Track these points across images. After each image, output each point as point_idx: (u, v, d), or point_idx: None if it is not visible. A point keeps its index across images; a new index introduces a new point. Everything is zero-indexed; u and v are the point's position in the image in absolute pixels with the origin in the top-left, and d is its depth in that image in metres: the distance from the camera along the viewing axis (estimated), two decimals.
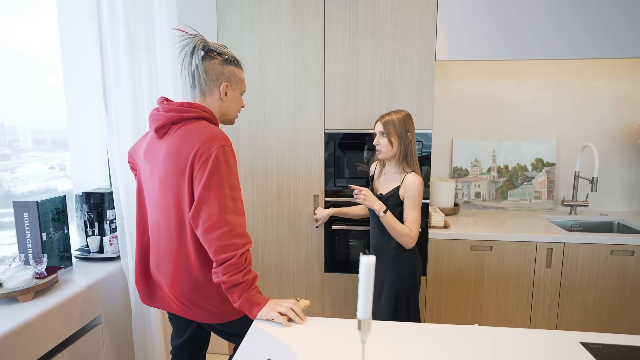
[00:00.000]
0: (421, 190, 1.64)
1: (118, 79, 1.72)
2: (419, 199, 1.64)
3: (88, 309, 1.61)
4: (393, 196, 1.68)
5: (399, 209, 1.69)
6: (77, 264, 1.83)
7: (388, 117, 1.67)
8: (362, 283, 0.64)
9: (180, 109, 1.27)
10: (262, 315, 1.20)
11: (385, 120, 1.67)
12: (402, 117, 1.67)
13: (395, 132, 1.65)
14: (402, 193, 1.66)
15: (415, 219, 1.64)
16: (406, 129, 1.66)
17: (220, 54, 1.32)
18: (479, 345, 1.07)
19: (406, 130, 1.66)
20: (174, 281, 1.30)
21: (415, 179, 1.63)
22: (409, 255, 1.71)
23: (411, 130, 1.68)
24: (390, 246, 1.71)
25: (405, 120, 1.67)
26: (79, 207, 1.95)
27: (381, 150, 1.69)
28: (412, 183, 1.63)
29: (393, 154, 1.69)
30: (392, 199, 1.68)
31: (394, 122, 1.66)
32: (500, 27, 2.13)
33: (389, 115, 1.68)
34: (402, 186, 1.66)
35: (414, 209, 1.64)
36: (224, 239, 1.17)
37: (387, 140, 1.66)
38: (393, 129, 1.65)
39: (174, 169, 1.23)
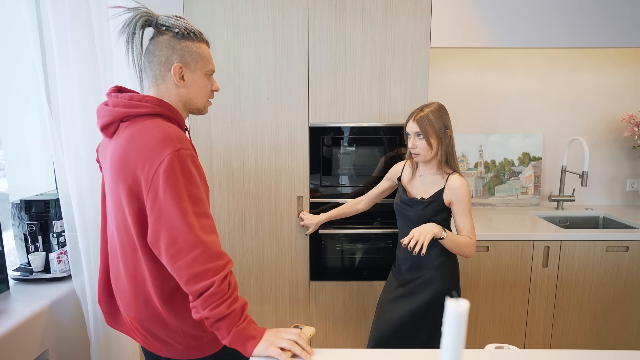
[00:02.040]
0: (469, 193, 1.46)
1: (65, 63, 1.41)
2: (470, 202, 1.46)
3: (32, 344, 1.31)
4: (436, 201, 1.48)
5: (442, 215, 1.49)
6: (16, 287, 1.51)
7: (422, 114, 1.45)
8: (449, 340, 0.44)
9: (129, 104, 1.00)
10: (260, 352, 0.97)
11: (420, 118, 1.44)
12: (437, 112, 1.45)
13: (434, 131, 1.44)
14: (447, 197, 1.47)
15: (472, 225, 1.46)
16: (445, 125, 1.45)
17: (170, 27, 1.03)
18: None
19: (445, 127, 1.45)
20: (129, 306, 1.08)
21: (463, 181, 1.45)
22: (453, 263, 1.53)
23: (449, 126, 1.47)
24: (433, 254, 1.51)
25: (442, 114, 1.45)
26: (17, 216, 1.61)
27: (419, 154, 1.48)
28: (461, 186, 1.44)
29: (433, 155, 1.48)
30: (436, 204, 1.48)
31: (430, 119, 1.44)
32: (499, 13, 2.01)
33: (421, 111, 1.46)
34: (448, 190, 1.46)
35: (469, 213, 1.46)
36: (197, 265, 0.93)
37: (426, 142, 1.45)
38: (431, 128, 1.44)
39: (118, 178, 0.98)
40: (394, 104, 1.87)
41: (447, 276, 1.52)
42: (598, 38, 2.04)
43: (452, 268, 1.54)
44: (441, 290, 1.51)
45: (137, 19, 1.00)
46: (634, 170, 2.51)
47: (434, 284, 1.51)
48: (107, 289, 1.19)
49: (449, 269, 1.53)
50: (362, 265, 2.00)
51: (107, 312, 1.21)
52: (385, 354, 1.00)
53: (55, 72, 1.43)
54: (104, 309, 1.21)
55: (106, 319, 1.22)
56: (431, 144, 1.45)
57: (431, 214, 1.48)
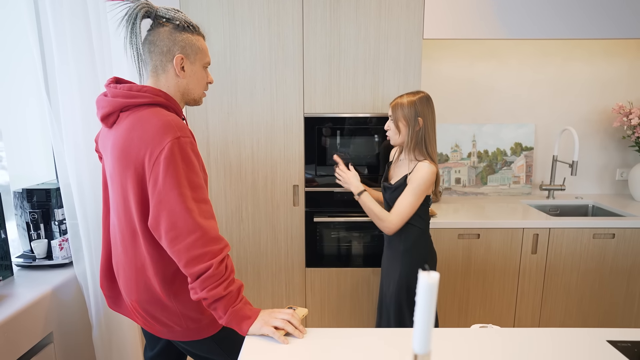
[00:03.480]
0: (429, 179, 1.47)
1: (63, 55, 1.44)
2: (422, 186, 1.47)
3: (36, 327, 1.36)
4: (402, 185, 1.52)
5: None
6: (20, 273, 1.56)
7: (399, 100, 1.52)
8: (421, 308, 0.49)
9: (128, 94, 1.04)
10: (255, 331, 1.03)
11: (395, 104, 1.52)
12: (413, 100, 1.49)
13: (403, 116, 1.50)
14: (409, 180, 1.51)
15: (405, 205, 1.48)
16: (416, 113, 1.49)
17: (170, 19, 1.07)
18: (500, 347, 0.97)
19: (416, 115, 1.49)
20: (130, 290, 1.13)
21: (426, 168, 1.47)
22: (420, 250, 1.58)
23: (424, 115, 1.50)
24: (400, 239, 1.58)
25: (418, 103, 1.49)
26: (19, 205, 1.66)
27: (389, 136, 1.57)
28: (420, 169, 1.47)
29: (401, 140, 1.54)
30: (401, 189, 1.52)
31: (403, 105, 1.50)
32: (492, 3, 2.03)
33: (400, 97, 1.52)
34: (413, 171, 1.50)
35: (410, 195, 1.48)
36: (196, 248, 0.98)
37: (395, 125, 1.52)
38: (401, 113, 1.50)
39: (119, 165, 1.02)
40: (387, 95, 1.91)
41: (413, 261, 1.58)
42: (593, 29, 2.05)
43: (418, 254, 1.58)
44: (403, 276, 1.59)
45: (138, 10, 1.03)
46: (623, 160, 2.56)
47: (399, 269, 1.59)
48: (109, 273, 1.24)
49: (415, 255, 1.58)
50: (356, 252, 2.05)
51: (109, 295, 1.26)
52: (371, 332, 1.05)
53: (54, 65, 1.46)
54: (105, 292, 1.26)
55: (108, 303, 1.27)
56: (399, 128, 1.51)
57: (398, 197, 1.53)
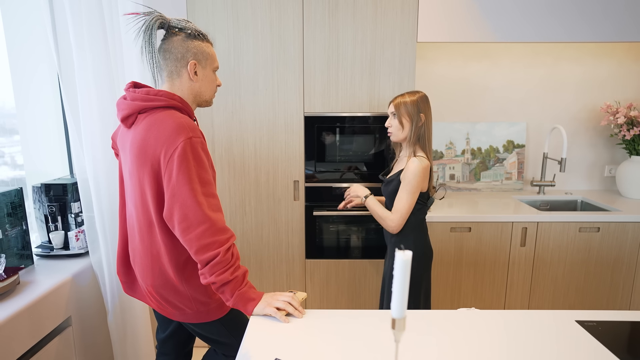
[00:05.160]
0: (419, 174, 1.54)
1: (82, 54, 1.54)
2: (414, 182, 1.54)
3: (56, 311, 1.48)
4: (395, 180, 1.60)
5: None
6: (39, 262, 1.67)
7: (401, 99, 1.59)
8: (398, 280, 0.60)
9: (146, 98, 1.16)
10: (259, 311, 1.14)
11: (398, 102, 1.59)
12: (415, 99, 1.58)
13: (407, 112, 1.57)
14: (402, 177, 1.59)
15: (402, 203, 1.56)
16: (419, 109, 1.58)
17: (182, 29, 1.19)
18: (477, 328, 1.07)
19: (419, 111, 1.58)
20: (146, 275, 1.24)
21: (416, 164, 1.54)
22: (411, 245, 1.63)
23: (425, 112, 1.59)
24: (389, 234, 1.67)
25: (419, 101, 1.58)
26: (38, 199, 1.77)
27: (391, 133, 1.63)
28: (412, 167, 1.54)
29: (404, 136, 1.61)
30: (394, 183, 1.61)
31: (407, 103, 1.58)
32: (482, 8, 2.13)
33: (402, 96, 1.60)
34: (404, 169, 1.58)
35: (406, 193, 1.56)
36: (205, 238, 1.09)
37: (398, 121, 1.59)
38: (405, 109, 1.58)
39: (138, 162, 1.14)
40: (383, 95, 2.01)
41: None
42: (584, 32, 2.14)
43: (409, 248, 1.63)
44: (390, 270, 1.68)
45: (153, 22, 1.14)
46: (611, 157, 2.65)
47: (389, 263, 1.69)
48: (125, 261, 1.35)
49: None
50: (354, 244, 2.16)
51: (124, 281, 1.38)
52: (366, 313, 1.16)
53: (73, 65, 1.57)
54: (122, 278, 1.37)
55: (124, 288, 1.39)
56: (403, 124, 1.59)
57: (391, 192, 1.62)
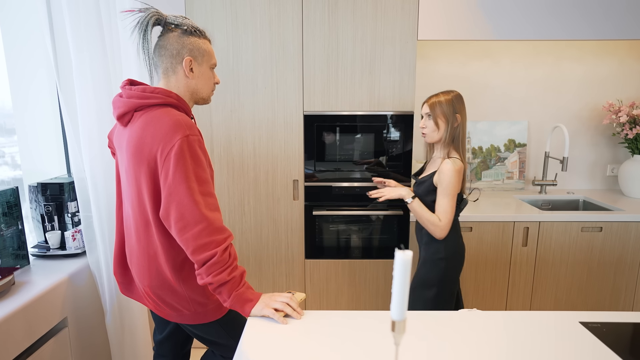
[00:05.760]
0: (455, 176, 1.50)
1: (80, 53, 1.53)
2: (451, 186, 1.51)
3: (52, 312, 1.46)
4: (427, 181, 1.58)
5: (432, 196, 1.58)
6: (35, 262, 1.65)
7: (435, 99, 1.56)
8: (397, 281, 0.58)
9: (142, 95, 1.14)
10: (256, 312, 1.12)
11: (432, 102, 1.56)
12: (450, 98, 1.55)
13: (443, 113, 1.54)
14: (436, 179, 1.56)
15: (445, 207, 1.52)
16: (454, 110, 1.55)
17: (179, 25, 1.17)
18: (479, 329, 1.05)
19: (454, 112, 1.55)
20: (142, 275, 1.22)
21: (451, 165, 1.50)
22: (441, 246, 1.59)
23: (460, 112, 1.56)
24: (422, 232, 1.64)
25: (454, 101, 1.55)
26: (34, 198, 1.75)
27: (426, 134, 1.60)
28: (446, 170, 1.51)
29: (439, 137, 1.57)
30: (426, 185, 1.58)
31: (442, 103, 1.55)
32: (483, 6, 2.11)
33: (436, 96, 1.57)
34: (438, 172, 1.55)
35: (445, 196, 1.52)
36: (202, 237, 1.07)
37: (434, 122, 1.56)
38: (440, 110, 1.54)
39: (134, 160, 1.12)
40: (383, 94, 1.99)
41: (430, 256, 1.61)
42: (585, 30, 2.11)
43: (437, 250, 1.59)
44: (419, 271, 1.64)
45: (149, 18, 1.12)
46: (614, 156, 2.63)
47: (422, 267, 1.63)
48: (122, 261, 1.33)
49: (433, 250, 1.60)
50: (354, 244, 2.14)
51: (121, 282, 1.36)
52: (364, 314, 1.14)
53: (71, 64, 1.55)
54: (119, 279, 1.35)
55: (121, 289, 1.37)
56: (438, 124, 1.55)
57: (423, 193, 1.59)
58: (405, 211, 2.09)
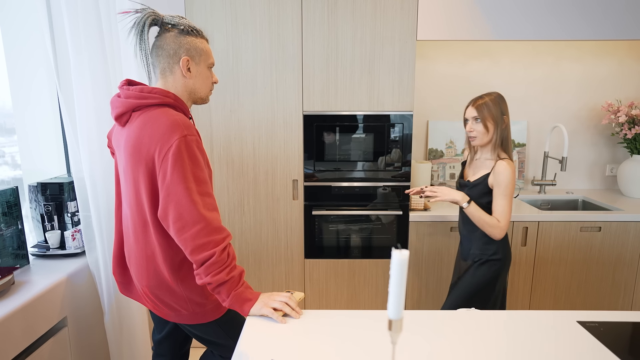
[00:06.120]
0: (513, 178, 1.52)
1: (78, 53, 1.53)
2: (509, 187, 1.52)
3: (51, 311, 1.46)
4: (481, 184, 1.57)
5: (487, 197, 1.57)
6: (35, 262, 1.66)
7: (481, 101, 1.55)
8: (394, 280, 0.58)
9: (140, 95, 1.14)
10: (255, 312, 1.12)
11: (479, 104, 1.55)
12: (496, 99, 1.54)
13: (491, 116, 1.53)
14: (491, 181, 1.55)
15: (504, 208, 1.52)
16: (502, 111, 1.54)
17: (175, 25, 1.17)
18: (477, 328, 1.06)
19: (502, 113, 1.54)
20: (141, 275, 1.22)
21: (507, 166, 1.51)
22: (496, 248, 1.59)
23: (507, 113, 1.56)
24: (476, 235, 1.61)
25: (500, 102, 1.55)
26: (34, 198, 1.75)
27: (475, 137, 1.58)
28: (503, 171, 1.51)
29: (488, 140, 1.57)
30: (480, 187, 1.57)
31: (489, 105, 1.53)
32: (483, 6, 2.11)
33: (481, 98, 1.56)
34: (493, 173, 1.54)
35: (504, 197, 1.52)
36: (200, 238, 1.07)
37: (483, 125, 1.54)
38: (488, 112, 1.53)
39: (132, 160, 1.12)
40: (383, 94, 2.00)
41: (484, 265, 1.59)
42: (585, 30, 2.12)
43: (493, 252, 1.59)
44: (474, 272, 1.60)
45: (146, 18, 1.13)
46: (613, 156, 2.64)
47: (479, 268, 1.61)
48: (121, 261, 1.34)
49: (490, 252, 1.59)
50: (353, 244, 2.14)
51: (120, 282, 1.36)
52: (362, 314, 1.14)
53: (69, 64, 1.56)
54: (118, 279, 1.35)
55: (120, 288, 1.37)
56: (488, 127, 1.55)
57: (476, 195, 1.58)
58: (404, 211, 2.09)
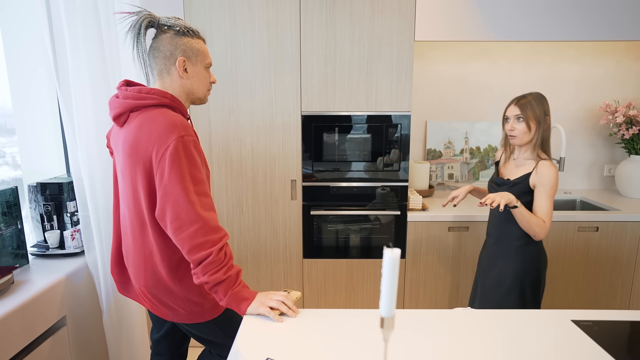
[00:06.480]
0: (556, 179, 1.51)
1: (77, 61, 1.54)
2: (554, 188, 1.51)
3: (51, 310, 1.47)
4: (522, 183, 1.56)
5: (526, 197, 1.56)
6: (35, 261, 1.66)
7: (525, 100, 1.53)
8: (386, 278, 0.59)
9: (138, 96, 1.15)
10: (252, 310, 1.13)
11: (523, 103, 1.53)
12: (539, 99, 1.53)
13: (534, 115, 1.52)
14: (533, 181, 1.54)
15: (549, 209, 1.52)
16: (545, 111, 1.53)
17: (171, 26, 1.18)
18: (473, 327, 1.07)
19: (545, 114, 1.53)
20: (138, 275, 1.23)
21: (552, 167, 1.51)
22: (534, 248, 1.59)
23: (549, 113, 1.55)
24: (514, 236, 1.60)
25: (543, 101, 1.54)
26: (33, 198, 1.76)
27: (515, 136, 1.56)
28: (548, 172, 1.50)
29: (528, 139, 1.55)
30: (521, 186, 1.56)
31: (532, 104, 1.52)
32: (480, 7, 2.12)
33: (525, 98, 1.54)
34: (535, 174, 1.53)
35: (548, 198, 1.51)
36: (197, 237, 1.08)
37: (525, 124, 1.53)
38: (532, 112, 1.52)
39: (130, 160, 1.13)
40: (381, 94, 2.00)
41: (527, 258, 1.59)
42: (583, 31, 2.12)
43: (532, 252, 1.59)
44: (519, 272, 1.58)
45: (142, 21, 1.14)
46: (611, 157, 2.64)
47: (514, 266, 1.59)
48: (119, 261, 1.35)
49: (528, 253, 1.58)
50: (351, 244, 2.15)
51: (119, 281, 1.37)
52: (358, 313, 1.15)
53: (67, 65, 1.57)
54: (116, 278, 1.36)
55: (118, 288, 1.38)
56: (530, 127, 1.53)
57: (516, 194, 1.56)
58: (402, 211, 2.10)
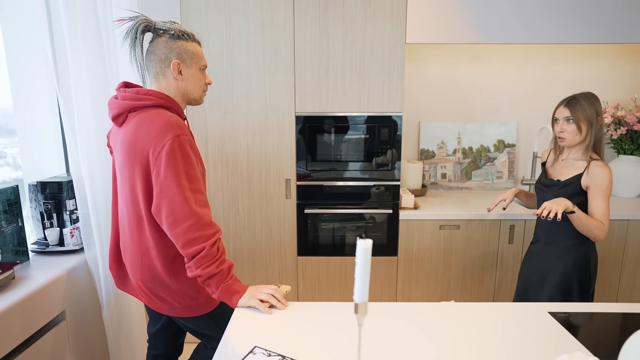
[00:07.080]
0: (610, 180, 1.49)
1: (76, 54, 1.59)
2: (609, 189, 1.49)
3: (50, 305, 1.52)
4: (573, 184, 1.54)
5: (578, 198, 1.54)
6: (35, 258, 1.71)
7: (575, 101, 1.51)
8: (360, 267, 0.64)
9: (136, 97, 1.20)
10: (243, 303, 1.18)
11: (573, 104, 1.51)
12: (591, 99, 1.50)
13: (585, 116, 1.49)
14: (585, 182, 1.52)
15: (606, 210, 1.50)
16: (597, 112, 1.50)
17: (166, 30, 1.23)
18: (457, 320, 1.11)
19: (597, 114, 1.50)
20: (135, 270, 1.28)
21: (605, 167, 1.49)
22: (586, 249, 1.58)
23: (601, 114, 1.52)
24: (567, 235, 1.58)
25: (595, 102, 1.51)
26: (34, 197, 1.81)
27: (564, 138, 1.54)
28: (602, 172, 1.48)
29: (579, 141, 1.54)
30: (572, 187, 1.54)
31: (583, 105, 1.50)
32: (470, 9, 2.16)
33: (575, 98, 1.52)
34: (588, 175, 1.51)
35: (605, 199, 1.50)
36: (191, 232, 1.13)
37: (576, 126, 1.51)
38: (582, 113, 1.50)
39: (128, 159, 1.18)
40: (373, 95, 2.05)
41: (579, 259, 1.58)
42: (572, 33, 2.16)
43: (584, 252, 1.58)
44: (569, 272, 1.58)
45: (138, 26, 1.19)
46: None
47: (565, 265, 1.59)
48: (117, 256, 1.40)
49: (581, 254, 1.58)
50: (345, 242, 2.20)
51: (116, 276, 1.42)
52: (343, 306, 1.20)
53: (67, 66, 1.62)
54: (114, 273, 1.41)
55: (116, 283, 1.43)
56: (581, 128, 1.51)
57: (567, 195, 1.55)
58: (394, 210, 2.14)
